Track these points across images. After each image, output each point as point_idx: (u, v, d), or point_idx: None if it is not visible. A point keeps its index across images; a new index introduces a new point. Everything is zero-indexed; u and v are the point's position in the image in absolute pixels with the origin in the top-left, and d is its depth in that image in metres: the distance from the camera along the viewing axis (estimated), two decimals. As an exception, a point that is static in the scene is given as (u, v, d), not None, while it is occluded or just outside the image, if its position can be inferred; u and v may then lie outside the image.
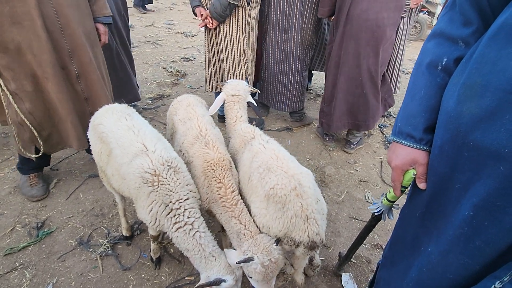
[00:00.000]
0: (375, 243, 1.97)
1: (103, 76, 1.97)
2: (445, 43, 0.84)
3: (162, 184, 1.27)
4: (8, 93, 1.65)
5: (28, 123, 1.73)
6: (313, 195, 1.33)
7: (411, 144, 0.88)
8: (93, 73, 1.85)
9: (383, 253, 1.22)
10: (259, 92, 3.00)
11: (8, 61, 1.58)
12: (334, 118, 2.70)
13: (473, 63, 0.71)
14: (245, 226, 1.39)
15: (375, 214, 1.28)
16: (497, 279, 0.68)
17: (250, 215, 1.44)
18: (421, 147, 0.87)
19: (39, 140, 1.83)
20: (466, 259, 0.74)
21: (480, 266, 0.73)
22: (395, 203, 1.18)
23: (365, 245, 1.96)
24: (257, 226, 1.40)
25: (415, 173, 0.89)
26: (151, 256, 1.74)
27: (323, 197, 1.48)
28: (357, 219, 2.15)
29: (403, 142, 0.90)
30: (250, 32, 2.63)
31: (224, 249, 1.34)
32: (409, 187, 0.98)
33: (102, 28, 1.97)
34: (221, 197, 1.43)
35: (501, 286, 0.67)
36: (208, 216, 1.61)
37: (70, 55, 1.72)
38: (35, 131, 1.77)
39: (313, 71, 3.79)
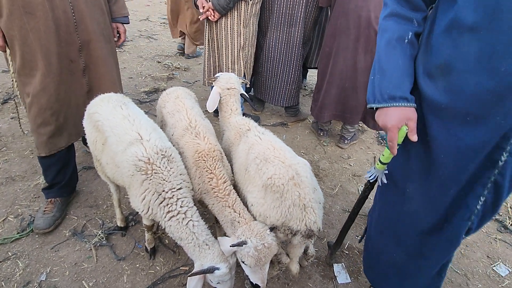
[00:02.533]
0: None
1: (113, 71, 1.97)
2: (403, 21, 1.04)
3: (155, 173, 1.28)
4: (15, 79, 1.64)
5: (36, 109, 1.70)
6: (311, 184, 1.35)
7: (404, 104, 1.03)
8: (101, 67, 1.86)
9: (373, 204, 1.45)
10: (249, 85, 3.00)
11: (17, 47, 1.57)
12: (322, 108, 2.74)
13: (435, 48, 0.96)
14: (239, 214, 1.41)
15: (371, 180, 1.34)
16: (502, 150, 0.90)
17: (245, 205, 1.46)
18: (412, 105, 1.04)
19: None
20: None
21: None
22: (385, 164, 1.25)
23: (357, 236, 2.00)
24: (253, 216, 1.42)
25: (407, 129, 1.03)
26: (145, 246, 1.74)
27: (318, 188, 1.51)
28: (350, 212, 2.18)
29: (397, 104, 1.03)
30: (251, 27, 2.63)
31: (218, 237, 1.36)
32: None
33: (122, 27, 2.07)
34: (213, 188, 1.44)
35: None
36: (202, 207, 1.62)
37: (80, 49, 1.73)
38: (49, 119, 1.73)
39: (308, 68, 3.80)
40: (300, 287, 1.66)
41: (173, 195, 1.30)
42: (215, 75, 1.87)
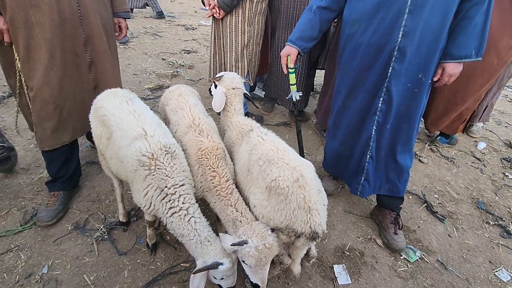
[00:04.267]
0: (369, 237, 2.00)
1: (115, 67, 1.99)
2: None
3: (158, 169, 1.28)
4: (22, 75, 1.65)
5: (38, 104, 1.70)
6: (315, 186, 1.34)
7: (290, 44, 1.86)
8: (107, 62, 1.87)
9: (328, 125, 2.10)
10: (252, 84, 2.99)
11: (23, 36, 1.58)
12: (327, 112, 2.73)
13: (349, 26, 1.72)
14: (241, 213, 1.40)
15: (291, 99, 2.11)
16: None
17: (247, 205, 1.45)
18: (293, 45, 1.85)
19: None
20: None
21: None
22: (295, 85, 2.04)
23: (358, 238, 1.99)
24: (255, 217, 1.41)
25: (290, 58, 1.88)
26: (147, 242, 1.75)
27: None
28: (351, 213, 2.18)
29: (287, 43, 1.87)
30: (256, 25, 2.63)
31: (220, 234, 1.35)
32: (293, 70, 1.95)
33: (123, 22, 2.08)
34: (216, 186, 1.43)
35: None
36: (204, 205, 1.62)
37: (85, 44, 1.73)
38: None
39: (317, 69, 3.78)
40: (300, 287, 1.65)
41: (176, 192, 1.30)
42: (218, 75, 1.87)
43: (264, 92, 3.76)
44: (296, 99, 2.05)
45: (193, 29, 6.23)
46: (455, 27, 1.55)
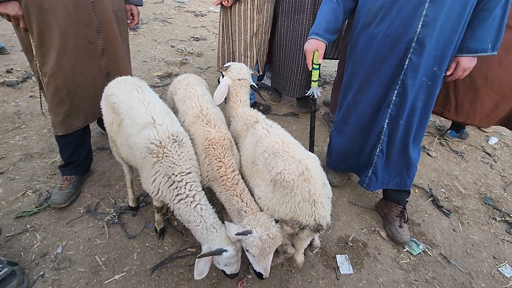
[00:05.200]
0: (373, 228, 2.02)
1: (126, 54, 2.00)
2: None
3: (166, 156, 1.31)
4: (36, 61, 1.68)
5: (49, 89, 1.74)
6: (320, 179, 1.35)
7: (316, 38, 1.73)
8: (118, 49, 1.88)
9: (334, 121, 2.07)
10: (261, 73, 2.97)
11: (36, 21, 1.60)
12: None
13: (364, 17, 1.65)
14: (246, 204, 1.43)
15: (310, 96, 1.99)
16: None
17: (252, 196, 1.48)
18: (321, 39, 1.72)
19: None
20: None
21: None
22: (317, 81, 1.93)
23: (362, 229, 2.01)
24: (260, 208, 1.44)
25: (318, 53, 1.75)
26: (155, 227, 1.81)
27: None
28: (356, 205, 2.20)
29: (313, 37, 1.73)
30: (265, 13, 2.59)
31: (225, 222, 1.39)
32: (318, 66, 1.85)
33: (136, 9, 2.07)
34: (222, 176, 1.46)
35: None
36: (210, 194, 1.65)
37: (98, 31, 1.74)
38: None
39: (324, 58, 3.71)
40: (303, 276, 1.70)
41: (182, 179, 1.33)
42: (226, 65, 1.86)
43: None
44: (317, 96, 1.97)
45: (202, 16, 6.16)
46: (474, 20, 1.49)
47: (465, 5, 1.42)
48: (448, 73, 1.63)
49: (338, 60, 2.88)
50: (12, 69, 3.31)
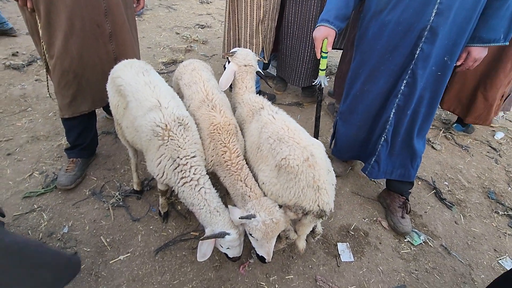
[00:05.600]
0: (374, 218, 2.03)
1: (134, 38, 1.98)
2: None
3: (171, 139, 1.32)
4: (43, 43, 1.68)
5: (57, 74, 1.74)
6: (325, 166, 1.36)
7: (326, 25, 1.64)
8: (126, 34, 1.87)
9: (339, 111, 2.04)
10: (267, 61, 2.94)
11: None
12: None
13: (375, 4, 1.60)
14: (250, 188, 1.44)
15: (317, 86, 1.93)
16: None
17: (256, 181, 1.49)
18: (331, 26, 1.64)
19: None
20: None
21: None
22: (325, 70, 1.87)
23: (364, 219, 2.03)
24: (264, 193, 1.45)
25: (327, 41, 1.67)
26: (159, 210, 1.83)
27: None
28: (359, 195, 2.20)
29: (323, 24, 1.65)
30: (272, 0, 2.54)
31: (229, 206, 1.41)
32: (326, 54, 1.77)
33: None
34: (226, 161, 1.47)
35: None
36: (214, 179, 1.67)
37: (105, 14, 1.72)
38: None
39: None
40: (304, 262, 1.72)
41: (187, 162, 1.34)
42: (232, 50, 1.84)
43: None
44: (325, 85, 1.92)
45: (208, 3, 6.07)
46: (487, 8, 1.45)
47: None
48: (458, 63, 1.60)
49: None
50: (17, 52, 3.31)
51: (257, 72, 1.84)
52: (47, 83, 1.91)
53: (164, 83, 1.53)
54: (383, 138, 1.81)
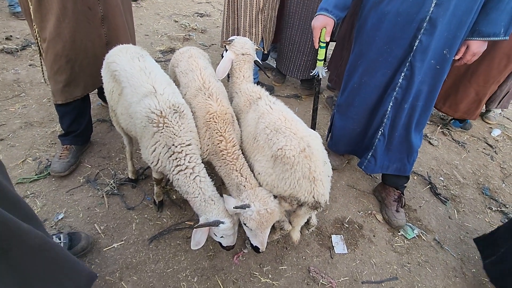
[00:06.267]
0: (369, 212, 2.04)
1: (128, 23, 1.93)
2: None
3: (166, 126, 1.30)
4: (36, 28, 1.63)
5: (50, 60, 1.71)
6: (321, 157, 1.35)
7: (325, 14, 1.63)
8: (118, 18, 1.82)
9: (336, 103, 2.04)
10: (266, 52, 2.89)
11: None
12: (341, 76, 2.67)
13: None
14: (245, 178, 1.43)
15: (316, 76, 1.93)
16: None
17: (252, 171, 1.48)
18: (330, 15, 1.62)
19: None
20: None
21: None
22: (323, 60, 1.86)
23: (359, 212, 2.03)
24: (259, 183, 1.44)
25: (326, 31, 1.66)
26: (154, 199, 1.82)
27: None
28: (354, 188, 2.21)
29: (321, 13, 1.63)
30: None
31: (224, 195, 1.40)
32: (324, 44, 1.76)
33: None
34: (222, 151, 1.45)
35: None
36: (210, 169, 1.65)
37: None
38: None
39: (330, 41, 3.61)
40: (298, 253, 1.73)
41: (182, 150, 1.32)
42: (229, 38, 1.80)
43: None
44: (322, 76, 1.90)
45: (208, -9, 5.95)
46: (488, 2, 1.43)
47: None
48: (457, 57, 1.58)
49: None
50: (11, 36, 3.23)
51: (255, 62, 1.81)
52: (42, 68, 1.87)
53: (160, 70, 1.50)
54: (380, 132, 1.79)
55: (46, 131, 2.23)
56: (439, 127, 3.02)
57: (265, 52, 2.85)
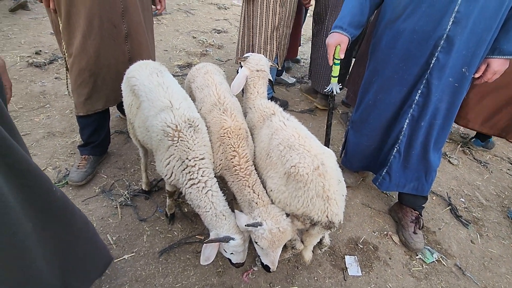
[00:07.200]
0: (385, 232, 1.96)
1: (150, 40, 2.02)
2: None
3: (181, 140, 1.32)
4: (64, 43, 1.73)
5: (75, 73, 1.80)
6: (335, 175, 1.32)
7: (340, 31, 1.64)
8: (142, 36, 1.91)
9: (351, 120, 2.03)
10: (279, 68, 2.91)
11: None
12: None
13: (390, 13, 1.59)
14: (258, 195, 1.42)
15: (329, 93, 1.90)
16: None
17: (264, 188, 1.46)
18: (344, 33, 1.63)
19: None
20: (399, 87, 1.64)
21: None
22: (337, 77, 1.83)
23: (374, 232, 1.96)
24: (272, 200, 1.42)
25: (340, 48, 1.66)
26: (166, 212, 1.83)
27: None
28: (369, 207, 2.14)
29: (336, 31, 1.65)
30: (288, 7, 2.55)
31: (235, 211, 1.38)
32: (339, 61, 1.74)
33: None
34: (235, 166, 1.45)
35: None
36: (222, 183, 1.65)
37: (122, 14, 1.76)
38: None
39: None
40: (310, 273, 1.67)
41: (195, 164, 1.34)
42: (244, 55, 1.84)
43: (292, 79, 3.69)
44: (337, 92, 1.88)
45: (225, 9, 6.16)
46: (509, 19, 1.40)
47: (502, 1, 1.33)
48: (477, 75, 1.54)
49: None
50: (40, 51, 3.44)
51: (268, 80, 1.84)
52: (67, 81, 1.96)
53: (177, 85, 1.55)
54: (395, 149, 1.75)
55: (66, 141, 2.32)
56: (459, 146, 2.92)
57: (279, 68, 2.88)
